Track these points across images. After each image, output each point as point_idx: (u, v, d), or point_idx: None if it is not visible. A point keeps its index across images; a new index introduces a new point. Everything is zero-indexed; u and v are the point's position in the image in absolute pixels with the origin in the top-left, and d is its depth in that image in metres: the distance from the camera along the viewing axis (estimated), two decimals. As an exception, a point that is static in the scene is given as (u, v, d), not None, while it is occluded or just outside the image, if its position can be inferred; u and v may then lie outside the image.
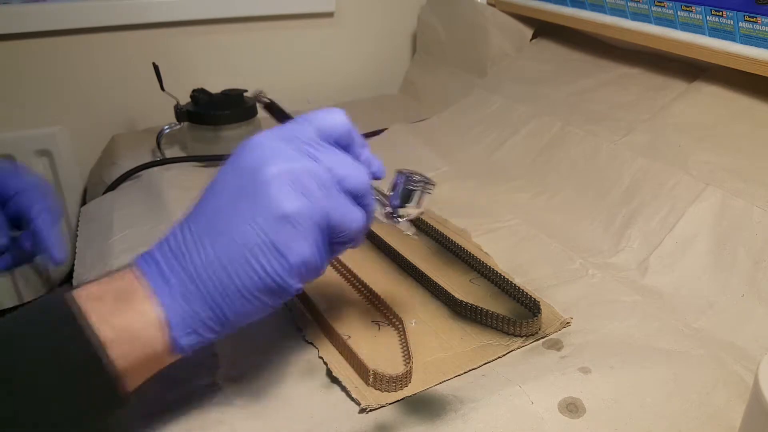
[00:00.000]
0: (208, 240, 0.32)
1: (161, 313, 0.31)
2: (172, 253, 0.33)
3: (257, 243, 0.31)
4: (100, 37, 0.86)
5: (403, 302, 0.48)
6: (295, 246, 0.32)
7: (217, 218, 0.32)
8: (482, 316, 0.45)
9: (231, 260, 0.32)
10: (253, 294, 0.32)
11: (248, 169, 0.33)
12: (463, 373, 0.41)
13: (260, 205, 0.32)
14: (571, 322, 0.46)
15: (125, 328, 0.31)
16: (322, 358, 0.43)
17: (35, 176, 0.51)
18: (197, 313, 0.32)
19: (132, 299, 0.31)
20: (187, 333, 0.32)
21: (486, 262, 0.52)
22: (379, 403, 0.38)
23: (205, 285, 0.32)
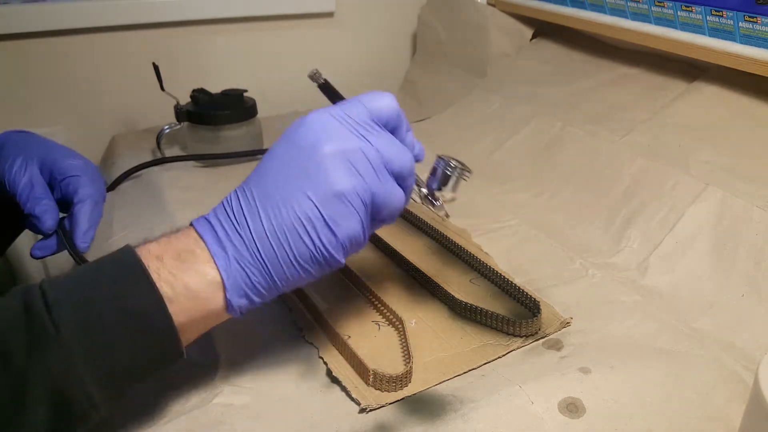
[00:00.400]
0: (264, 211, 0.34)
1: (218, 275, 0.34)
2: (229, 220, 0.35)
3: (311, 216, 0.34)
4: (100, 37, 0.86)
5: (403, 302, 0.48)
6: (345, 222, 0.34)
7: (274, 190, 0.34)
8: (482, 316, 0.45)
9: (286, 231, 0.34)
10: (302, 264, 0.35)
11: (305, 145, 0.35)
12: (462, 373, 0.41)
13: (316, 181, 0.34)
14: (571, 322, 0.46)
15: (184, 286, 0.33)
16: (322, 358, 0.43)
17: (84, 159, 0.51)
18: (250, 278, 0.34)
19: (191, 260, 0.34)
20: (239, 296, 0.34)
21: (486, 262, 0.52)
22: (379, 403, 0.38)
23: (259, 252, 0.34)
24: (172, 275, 0.33)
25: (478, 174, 0.72)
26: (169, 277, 0.33)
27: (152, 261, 0.33)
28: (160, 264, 0.33)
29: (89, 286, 0.32)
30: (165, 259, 0.33)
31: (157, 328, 0.32)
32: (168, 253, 0.34)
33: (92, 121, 0.90)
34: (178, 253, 0.34)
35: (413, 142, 0.40)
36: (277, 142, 0.36)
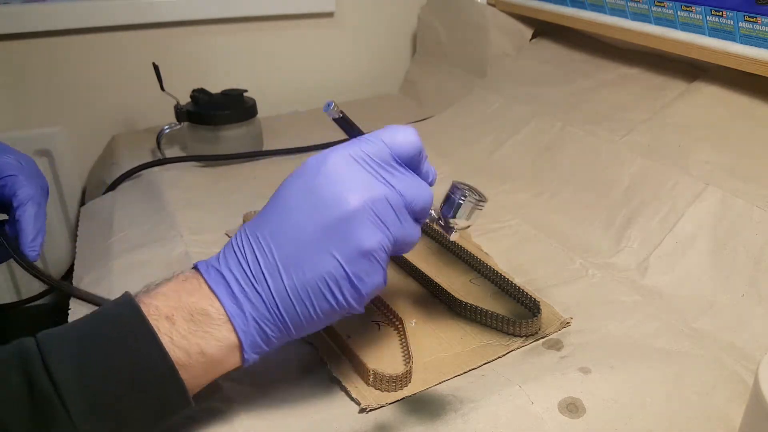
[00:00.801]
0: (286, 269, 0.33)
1: (235, 337, 0.33)
2: (245, 275, 0.33)
3: (337, 276, 0.33)
4: (100, 37, 0.86)
5: (403, 302, 0.48)
6: (370, 278, 0.34)
7: (297, 248, 0.33)
8: (482, 316, 0.45)
9: (309, 291, 0.33)
10: (323, 318, 0.34)
11: (328, 197, 0.33)
12: (462, 373, 0.41)
13: (342, 240, 0.33)
14: (571, 322, 0.46)
15: (199, 352, 0.32)
16: (323, 357, 0.43)
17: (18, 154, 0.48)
18: (267, 335, 0.33)
19: (206, 322, 0.32)
20: (255, 352, 0.34)
21: (486, 262, 0.52)
22: (379, 403, 0.38)
23: (279, 311, 0.33)
24: (186, 340, 0.32)
25: (478, 174, 0.72)
26: (183, 342, 0.32)
27: (162, 322, 0.32)
28: (172, 327, 0.32)
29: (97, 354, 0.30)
30: (176, 320, 0.32)
31: (169, 396, 0.32)
32: (179, 313, 0.32)
33: (92, 121, 0.90)
34: (191, 313, 0.32)
35: (429, 170, 0.38)
36: (292, 185, 0.34)
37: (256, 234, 0.34)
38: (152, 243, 0.58)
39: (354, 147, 0.34)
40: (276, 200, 0.35)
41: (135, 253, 0.57)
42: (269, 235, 0.33)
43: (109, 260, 0.56)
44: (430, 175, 0.38)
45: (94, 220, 0.68)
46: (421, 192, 0.36)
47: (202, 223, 0.62)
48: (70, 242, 0.94)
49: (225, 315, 0.32)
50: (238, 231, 0.35)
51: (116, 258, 0.56)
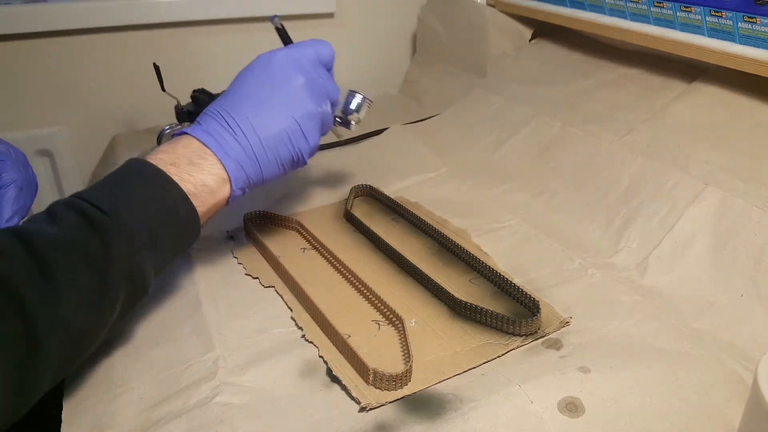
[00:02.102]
0: (256, 126, 0.46)
1: (225, 173, 0.45)
2: (227, 132, 0.45)
3: (294, 130, 0.48)
4: (100, 37, 0.86)
5: (403, 302, 0.49)
6: (313, 134, 0.49)
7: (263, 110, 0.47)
8: (482, 315, 0.45)
9: (276, 140, 0.47)
10: (284, 164, 0.48)
11: (282, 78, 0.48)
12: (462, 372, 0.41)
13: (295, 104, 0.48)
14: (571, 321, 0.46)
15: (202, 184, 0.43)
16: (323, 357, 0.43)
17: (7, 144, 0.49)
18: (248, 175, 0.46)
19: (203, 163, 0.44)
20: (239, 188, 0.46)
21: (486, 262, 0.52)
22: (378, 402, 0.38)
23: (255, 156, 0.46)
24: (191, 176, 0.43)
25: (478, 174, 0.72)
26: (189, 177, 0.42)
27: (169, 167, 0.42)
28: (177, 169, 0.42)
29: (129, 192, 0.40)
30: (180, 164, 0.42)
31: (186, 218, 0.42)
32: (180, 159, 0.43)
33: (93, 122, 0.90)
34: (190, 159, 0.43)
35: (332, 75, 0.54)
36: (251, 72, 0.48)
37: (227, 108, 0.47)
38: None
39: (295, 49, 0.50)
40: (238, 86, 0.48)
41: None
42: (239, 107, 0.47)
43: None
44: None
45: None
46: (335, 86, 0.52)
47: (202, 223, 0.62)
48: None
49: (215, 158, 0.44)
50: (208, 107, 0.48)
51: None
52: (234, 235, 0.60)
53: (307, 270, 0.53)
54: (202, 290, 0.51)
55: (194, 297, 0.50)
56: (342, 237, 0.59)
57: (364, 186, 0.68)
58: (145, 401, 0.39)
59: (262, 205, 0.63)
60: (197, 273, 0.53)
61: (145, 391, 0.40)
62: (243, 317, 0.48)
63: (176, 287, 0.51)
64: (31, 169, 0.51)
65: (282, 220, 0.60)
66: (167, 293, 0.50)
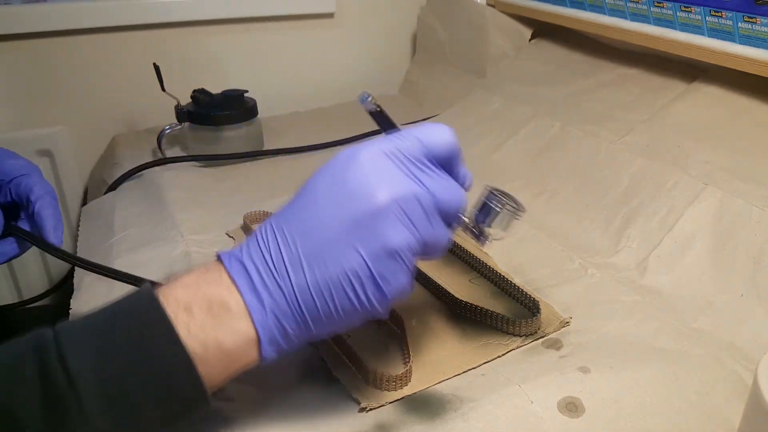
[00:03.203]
0: (309, 262, 0.32)
1: (254, 331, 0.32)
2: (267, 267, 0.32)
3: (360, 273, 0.32)
4: (100, 37, 0.86)
5: (403, 302, 0.48)
6: (394, 278, 0.32)
7: (321, 242, 0.32)
8: (482, 315, 0.45)
9: (331, 286, 0.32)
10: (343, 317, 0.33)
11: (356, 191, 0.32)
12: (462, 372, 0.41)
13: (369, 236, 0.31)
14: (571, 321, 0.46)
15: (217, 345, 0.31)
16: (323, 357, 0.43)
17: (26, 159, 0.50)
18: (286, 330, 0.32)
19: (225, 315, 0.31)
20: (274, 349, 0.33)
21: (485, 262, 0.52)
22: (378, 402, 0.38)
23: (299, 306, 0.32)
24: (204, 332, 0.31)
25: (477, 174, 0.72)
26: (200, 333, 0.31)
27: (181, 313, 0.31)
28: (190, 318, 0.31)
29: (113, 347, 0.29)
30: (194, 310, 0.31)
31: (185, 390, 0.30)
32: (197, 303, 0.31)
33: (93, 122, 0.90)
34: (210, 304, 0.31)
35: (465, 174, 0.37)
36: (321, 177, 0.33)
37: (282, 226, 0.33)
38: (153, 243, 0.59)
39: (388, 143, 0.34)
40: (304, 192, 0.34)
41: (136, 253, 0.57)
42: (294, 227, 0.33)
43: (110, 260, 0.56)
44: (466, 179, 0.37)
45: (95, 220, 0.68)
46: (454, 194, 0.35)
47: (202, 223, 0.62)
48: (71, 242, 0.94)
49: (244, 307, 0.31)
50: (263, 222, 0.34)
51: (117, 258, 0.57)
52: (234, 235, 0.60)
53: None
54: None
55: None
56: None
57: None
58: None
59: (262, 205, 0.63)
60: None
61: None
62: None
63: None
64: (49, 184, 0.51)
65: None
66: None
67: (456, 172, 0.36)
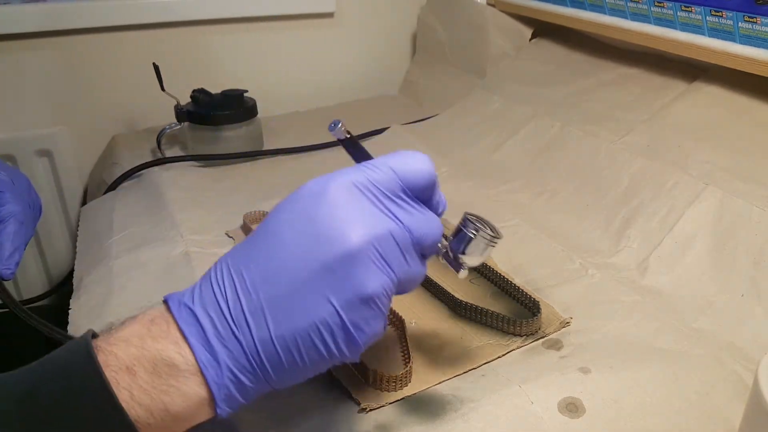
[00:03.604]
0: (273, 314, 0.28)
1: (207, 392, 0.28)
2: (224, 319, 0.28)
3: (331, 324, 0.28)
4: (100, 37, 0.86)
5: (403, 302, 0.49)
6: (370, 326, 0.29)
7: (286, 286, 0.28)
8: (482, 315, 0.45)
9: (298, 338, 0.28)
10: (310, 368, 0.30)
11: (326, 230, 0.29)
12: (462, 372, 0.41)
13: (341, 281, 0.28)
14: (571, 321, 0.46)
15: (163, 410, 0.27)
16: None
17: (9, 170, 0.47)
18: (245, 387, 0.29)
19: (173, 375, 0.28)
20: (230, 406, 0.29)
21: (486, 262, 0.52)
22: (378, 403, 0.38)
23: (261, 360, 0.28)
24: (149, 396, 0.27)
25: (477, 174, 0.72)
26: (145, 398, 0.27)
27: (122, 375, 0.27)
28: (132, 380, 0.27)
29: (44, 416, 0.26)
30: (138, 371, 0.27)
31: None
32: (141, 362, 0.27)
33: (93, 122, 0.90)
34: (155, 363, 0.27)
35: (440, 201, 0.34)
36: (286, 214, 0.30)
37: (240, 269, 0.29)
38: (152, 243, 0.59)
39: (359, 174, 0.30)
40: (265, 231, 0.30)
41: (135, 253, 0.57)
42: (255, 272, 0.29)
43: (110, 260, 0.56)
44: (440, 206, 0.34)
45: (94, 220, 0.68)
46: (431, 228, 0.32)
47: (202, 223, 0.62)
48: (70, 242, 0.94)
49: (195, 365, 0.28)
50: (217, 262, 0.30)
51: (116, 258, 0.57)
52: (234, 236, 0.60)
53: None
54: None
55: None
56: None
57: None
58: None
59: (262, 205, 0.63)
60: (197, 273, 0.53)
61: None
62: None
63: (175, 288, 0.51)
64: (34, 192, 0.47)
65: None
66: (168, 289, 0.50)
67: (432, 200, 0.33)
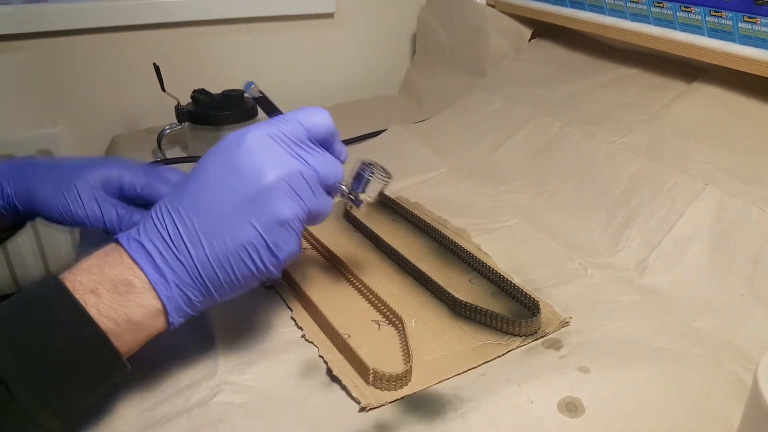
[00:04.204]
0: (207, 239, 0.35)
1: (159, 303, 0.34)
2: (167, 246, 0.35)
3: (256, 244, 0.35)
4: (100, 37, 0.86)
5: (403, 302, 0.49)
6: (287, 246, 0.36)
7: (218, 219, 0.35)
8: (482, 315, 0.45)
9: (230, 258, 0.35)
10: (242, 283, 0.36)
11: (247, 172, 0.35)
12: (462, 372, 0.41)
13: (261, 210, 0.35)
14: (571, 321, 0.46)
15: (127, 320, 0.33)
16: (323, 357, 0.43)
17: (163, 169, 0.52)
18: (190, 299, 0.36)
19: (130, 292, 0.34)
20: (180, 316, 0.36)
21: (486, 262, 0.52)
22: (378, 402, 0.38)
23: (201, 277, 0.35)
24: (113, 309, 0.33)
25: (477, 174, 0.72)
26: (110, 312, 0.33)
27: (88, 296, 0.33)
28: (98, 299, 0.33)
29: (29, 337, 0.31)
30: (101, 292, 0.33)
31: (105, 363, 0.33)
32: (103, 285, 0.33)
33: (93, 122, 0.90)
34: (114, 284, 0.33)
35: (341, 150, 0.42)
36: (212, 161, 0.36)
37: (176, 206, 0.35)
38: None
39: (272, 126, 0.37)
40: (196, 175, 0.36)
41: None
42: (190, 207, 0.35)
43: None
44: (342, 154, 0.42)
45: (94, 221, 0.68)
46: (333, 168, 0.39)
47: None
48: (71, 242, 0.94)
49: (148, 283, 0.34)
50: (156, 204, 0.36)
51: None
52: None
53: (307, 270, 0.53)
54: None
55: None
56: (342, 237, 0.59)
57: None
58: (146, 401, 0.39)
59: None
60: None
61: (146, 390, 0.40)
62: (243, 317, 0.48)
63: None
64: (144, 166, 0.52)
65: None
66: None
67: (334, 148, 0.40)
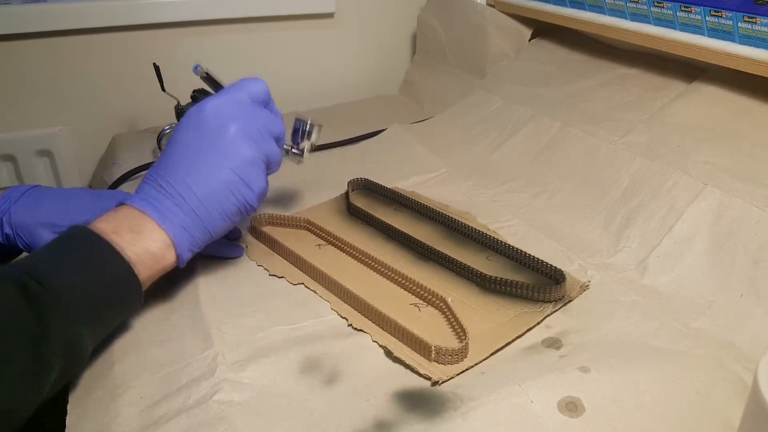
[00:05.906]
0: (196, 185, 0.44)
1: (169, 238, 0.43)
2: (164, 197, 0.44)
3: (234, 181, 0.45)
4: (100, 37, 0.86)
5: (432, 285, 0.49)
6: (257, 180, 0.47)
7: (199, 168, 0.45)
8: (512, 287, 0.48)
9: (217, 196, 0.45)
10: (231, 217, 0.46)
11: (215, 129, 0.46)
12: (511, 341, 0.44)
13: (232, 156, 0.45)
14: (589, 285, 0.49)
15: (146, 251, 0.42)
16: (377, 341, 0.44)
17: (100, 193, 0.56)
18: (193, 236, 0.45)
19: (145, 230, 0.43)
20: (186, 250, 0.45)
21: (498, 239, 0.54)
22: (448, 375, 0.40)
23: (199, 216, 0.44)
24: (133, 244, 0.41)
25: (477, 174, 0.72)
26: (131, 246, 0.41)
27: (111, 236, 0.41)
28: (119, 237, 0.41)
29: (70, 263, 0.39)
30: (121, 232, 0.41)
31: (128, 288, 0.41)
32: (121, 227, 0.42)
33: (93, 122, 0.90)
34: (130, 226, 0.42)
35: (277, 111, 0.53)
36: (184, 131, 0.46)
37: (161, 172, 0.45)
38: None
39: (223, 96, 0.47)
40: (172, 144, 0.46)
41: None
42: (175, 168, 0.45)
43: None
44: (279, 113, 0.53)
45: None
46: (276, 122, 0.50)
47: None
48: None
49: (156, 224, 0.43)
50: (146, 173, 0.46)
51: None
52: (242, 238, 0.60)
53: (331, 264, 0.52)
54: (202, 288, 0.51)
55: (193, 295, 0.50)
56: (352, 230, 0.59)
57: (360, 179, 0.68)
58: (146, 400, 0.39)
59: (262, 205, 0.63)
60: (196, 271, 0.53)
61: (145, 389, 0.40)
62: (242, 315, 0.48)
63: (175, 285, 0.51)
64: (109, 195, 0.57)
65: (290, 220, 0.61)
66: (167, 292, 0.50)
67: (271, 108, 0.52)
